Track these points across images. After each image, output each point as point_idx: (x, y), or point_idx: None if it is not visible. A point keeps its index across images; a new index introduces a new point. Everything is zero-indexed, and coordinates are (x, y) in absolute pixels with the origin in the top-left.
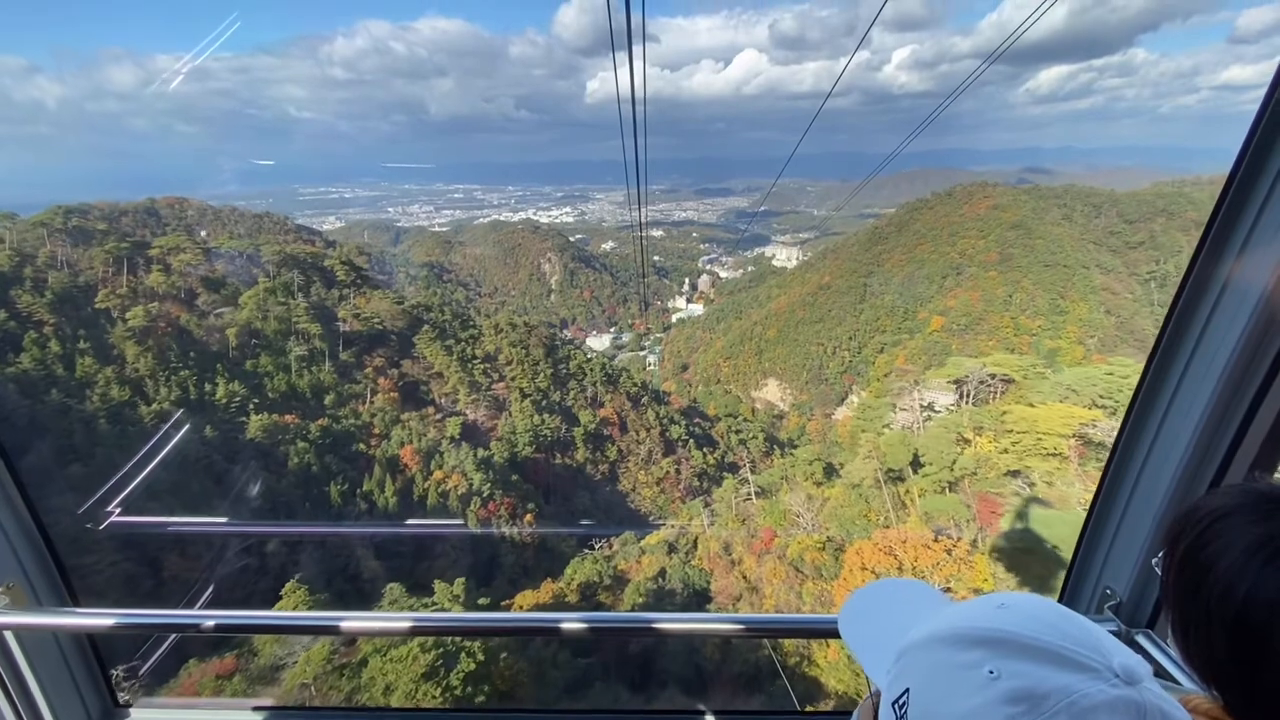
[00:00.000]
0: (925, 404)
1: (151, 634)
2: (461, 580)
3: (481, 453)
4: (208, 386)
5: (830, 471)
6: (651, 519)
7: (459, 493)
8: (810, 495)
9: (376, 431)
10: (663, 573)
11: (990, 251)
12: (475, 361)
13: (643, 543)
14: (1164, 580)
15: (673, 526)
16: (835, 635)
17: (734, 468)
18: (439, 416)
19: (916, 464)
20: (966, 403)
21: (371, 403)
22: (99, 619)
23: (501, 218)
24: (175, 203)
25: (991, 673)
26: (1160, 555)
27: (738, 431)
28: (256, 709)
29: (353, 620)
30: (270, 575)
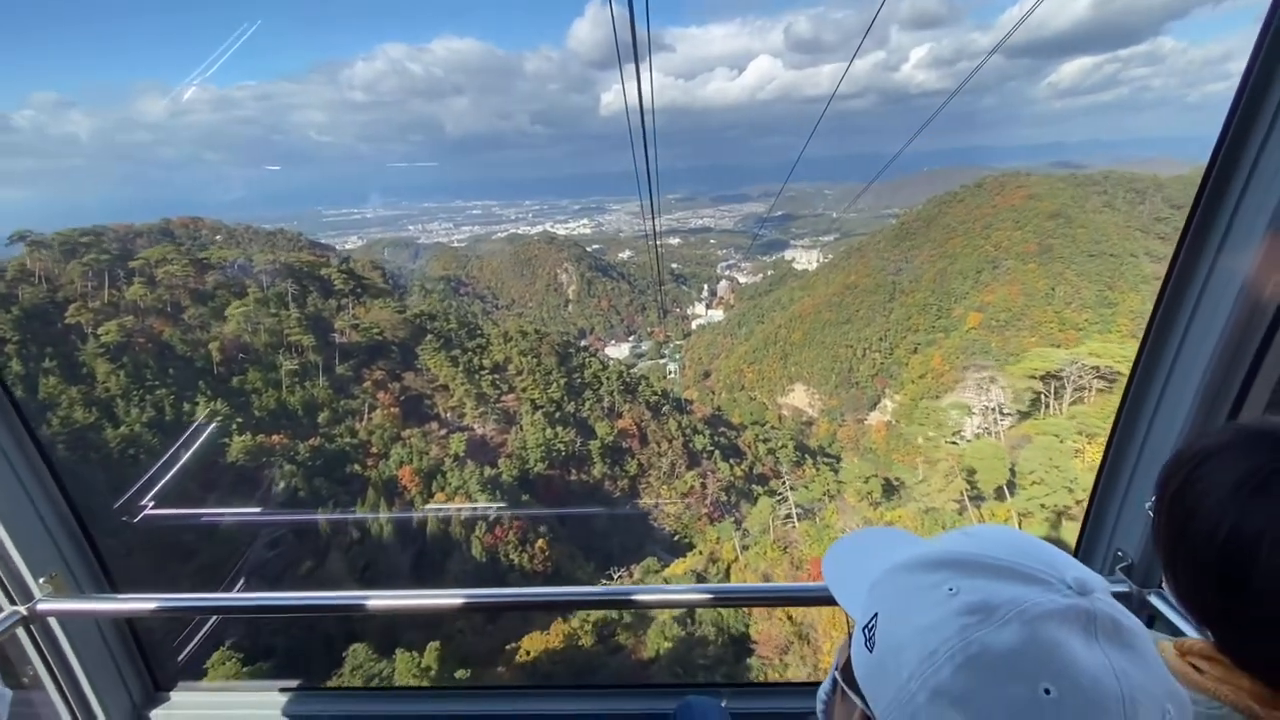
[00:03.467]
0: (994, 405)
1: (189, 617)
2: (435, 645)
3: (488, 471)
4: (186, 406)
5: (890, 490)
6: (677, 539)
7: (462, 517)
8: (867, 519)
9: (374, 451)
10: (691, 613)
11: (1028, 243)
12: (483, 372)
13: (667, 572)
14: (1154, 524)
15: (700, 553)
16: (829, 602)
17: (763, 479)
18: (443, 433)
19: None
20: (1061, 403)
21: (369, 419)
22: (139, 603)
23: (519, 231)
24: (190, 222)
25: (951, 589)
26: (1152, 500)
27: (765, 440)
28: (283, 690)
29: (378, 599)
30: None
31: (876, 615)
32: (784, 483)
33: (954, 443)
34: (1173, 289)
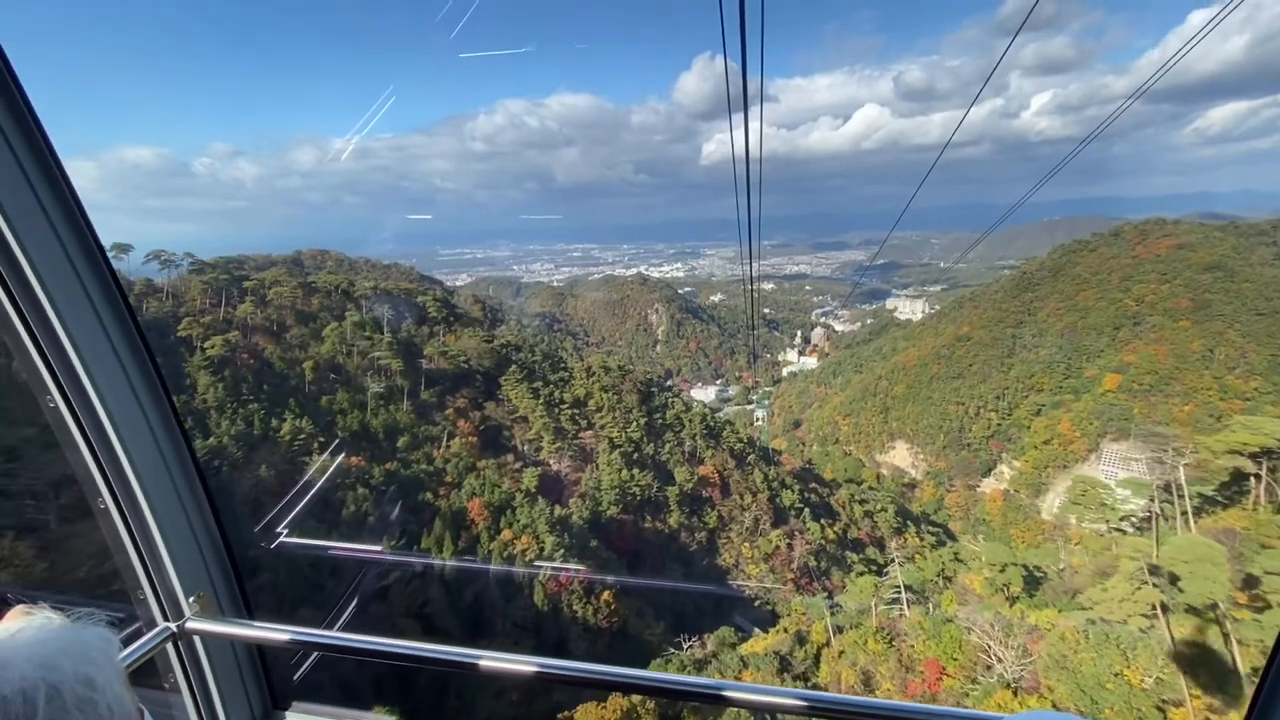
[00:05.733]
0: (1166, 485)
1: (316, 652)
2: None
3: (559, 511)
4: (274, 422)
5: (1034, 582)
6: (757, 604)
7: (527, 557)
8: (1001, 615)
9: (448, 479)
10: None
11: (1179, 298)
12: (563, 406)
13: (744, 648)
14: None
15: (785, 630)
16: None
17: (859, 545)
18: (518, 466)
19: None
20: None
21: (447, 447)
22: (275, 634)
23: (614, 273)
24: (317, 254)
25: None
26: None
27: (862, 501)
28: None
29: (490, 660)
30: None
31: None
32: (889, 555)
33: (1120, 529)
34: None
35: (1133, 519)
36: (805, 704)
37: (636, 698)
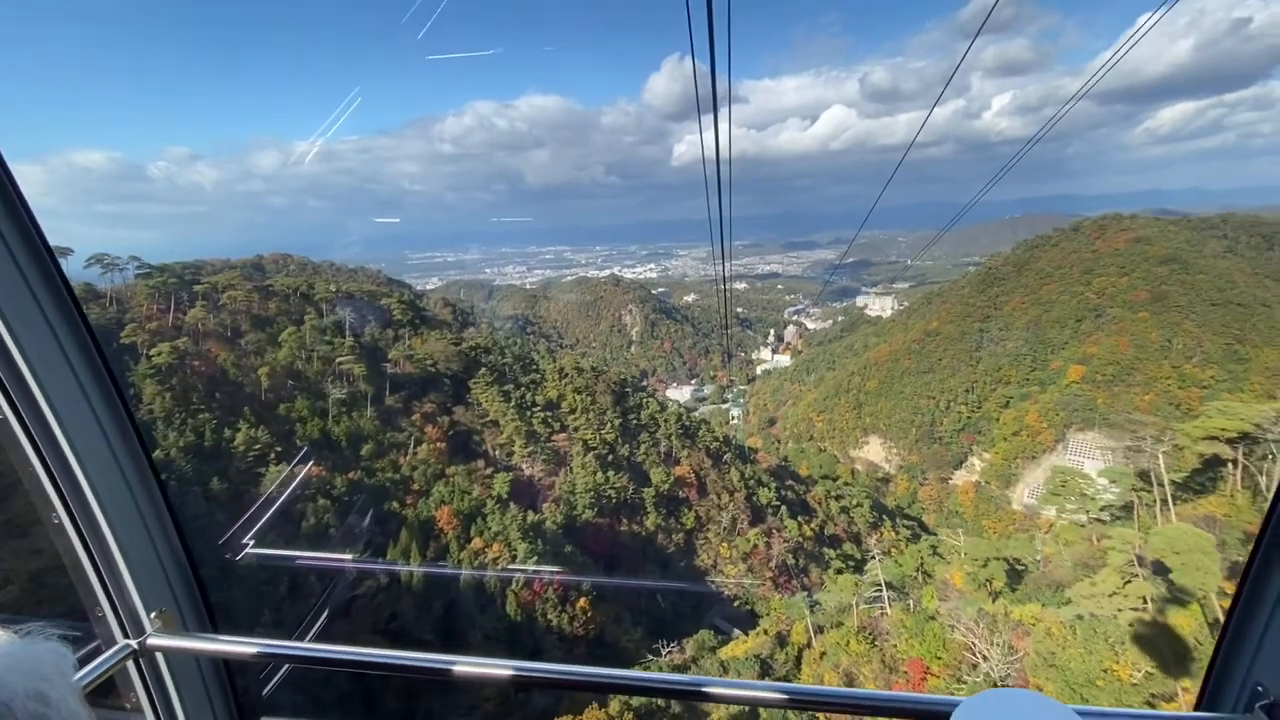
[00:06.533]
0: (1143, 473)
1: (285, 664)
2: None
3: (531, 517)
4: (227, 432)
5: (1016, 575)
6: (736, 605)
7: (499, 565)
8: (986, 612)
9: (415, 487)
10: (754, 717)
11: (1137, 290)
12: (535, 409)
13: (725, 651)
14: None
15: (766, 631)
16: None
17: (836, 541)
18: (489, 471)
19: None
20: (1266, 475)
21: (414, 454)
22: (240, 647)
23: (588, 275)
24: (278, 259)
25: None
26: None
27: (838, 497)
28: None
29: (465, 665)
30: None
31: None
32: (868, 551)
33: (1100, 519)
34: None
35: (1112, 509)
36: (785, 697)
37: (615, 708)
